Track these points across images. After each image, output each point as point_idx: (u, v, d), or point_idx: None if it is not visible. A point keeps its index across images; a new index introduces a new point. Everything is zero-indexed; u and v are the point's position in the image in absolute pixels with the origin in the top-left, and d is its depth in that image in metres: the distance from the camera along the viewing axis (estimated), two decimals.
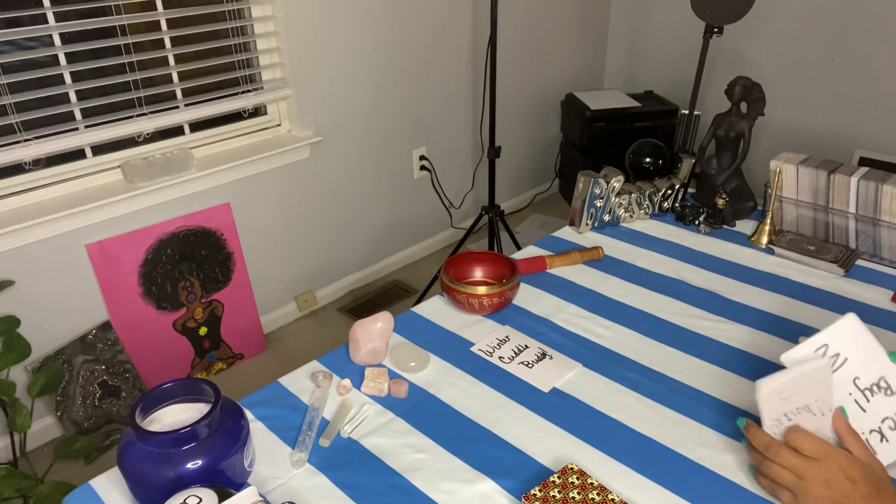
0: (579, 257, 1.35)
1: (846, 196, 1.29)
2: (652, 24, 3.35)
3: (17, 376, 1.87)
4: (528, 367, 1.06)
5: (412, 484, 0.85)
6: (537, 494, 0.78)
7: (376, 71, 2.49)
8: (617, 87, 3.62)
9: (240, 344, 2.35)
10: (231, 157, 2.15)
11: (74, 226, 1.87)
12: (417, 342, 1.13)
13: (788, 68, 2.92)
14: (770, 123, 3.05)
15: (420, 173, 2.85)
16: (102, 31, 1.86)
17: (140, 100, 1.97)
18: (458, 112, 2.89)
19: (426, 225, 3.00)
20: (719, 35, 2.48)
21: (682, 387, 1.00)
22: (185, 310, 2.17)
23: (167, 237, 2.07)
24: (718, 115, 1.44)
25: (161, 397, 0.85)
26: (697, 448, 0.89)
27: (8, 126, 1.76)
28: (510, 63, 3.02)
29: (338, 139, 2.46)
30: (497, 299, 1.16)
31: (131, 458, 0.78)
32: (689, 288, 1.26)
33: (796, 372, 0.77)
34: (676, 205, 1.54)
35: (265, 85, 2.24)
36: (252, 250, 2.34)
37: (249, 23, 2.17)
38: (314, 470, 0.88)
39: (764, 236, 1.39)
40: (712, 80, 3.18)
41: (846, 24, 2.70)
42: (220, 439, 0.80)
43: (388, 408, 0.99)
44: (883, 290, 1.22)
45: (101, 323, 2.00)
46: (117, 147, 1.98)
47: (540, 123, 3.36)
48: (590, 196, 1.44)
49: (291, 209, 2.41)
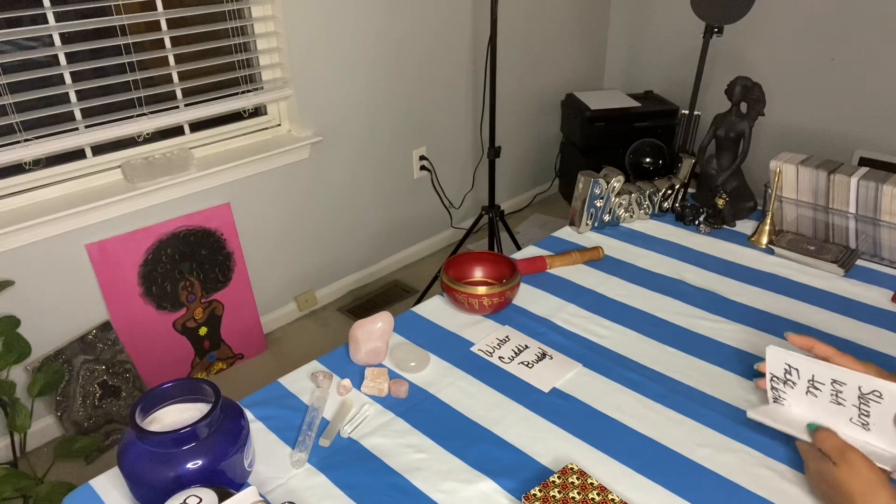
0: (579, 257, 1.35)
1: (846, 196, 1.29)
2: (652, 24, 3.35)
3: (17, 376, 1.87)
4: (528, 367, 1.06)
5: (412, 484, 0.85)
6: (537, 494, 0.78)
7: (376, 71, 2.49)
8: (617, 87, 3.62)
9: (240, 344, 2.35)
10: (231, 157, 2.15)
11: (74, 226, 1.87)
12: (417, 342, 1.13)
13: (788, 68, 2.92)
14: (770, 123, 3.05)
15: (420, 173, 2.85)
16: (102, 31, 1.86)
17: (140, 100, 1.97)
18: (458, 112, 2.89)
19: (426, 225, 3.00)
20: (719, 35, 2.48)
21: (682, 387, 1.00)
22: (185, 310, 2.17)
23: (167, 237, 2.07)
24: (718, 115, 1.44)
25: (161, 397, 0.85)
26: (697, 448, 0.89)
27: (8, 126, 1.76)
28: (510, 63, 3.02)
29: (338, 139, 2.46)
30: (497, 299, 1.16)
31: (131, 458, 0.78)
32: (689, 288, 1.26)
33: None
34: (676, 205, 1.54)
35: (265, 85, 2.24)
36: (252, 250, 2.34)
37: (249, 23, 2.17)
38: (314, 470, 0.88)
39: (764, 236, 1.39)
40: (712, 80, 3.18)
41: (846, 24, 2.70)
42: (220, 439, 0.80)
43: (388, 408, 0.99)
44: (883, 290, 1.22)
45: (101, 323, 2.00)
46: (117, 147, 1.98)
47: (540, 123, 3.36)
48: (590, 196, 1.44)
49: (291, 209, 2.41)
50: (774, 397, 0.93)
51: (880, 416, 0.84)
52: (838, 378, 0.86)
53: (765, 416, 0.89)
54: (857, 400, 0.85)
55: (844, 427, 0.86)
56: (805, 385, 0.89)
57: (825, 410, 0.87)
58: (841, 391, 0.86)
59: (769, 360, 0.91)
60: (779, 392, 0.92)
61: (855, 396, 0.85)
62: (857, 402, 0.85)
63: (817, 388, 0.88)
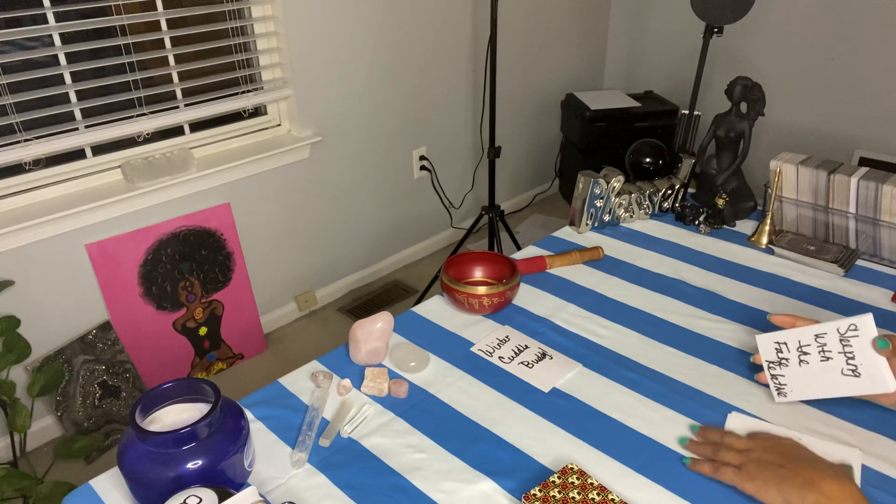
0: (579, 257, 1.35)
1: (846, 196, 1.29)
2: (652, 24, 3.35)
3: (17, 376, 1.87)
4: (528, 367, 1.06)
5: (412, 484, 0.85)
6: (537, 494, 0.78)
7: (376, 71, 2.49)
8: (617, 87, 3.62)
9: (240, 344, 2.35)
10: (231, 157, 2.15)
11: (74, 226, 1.87)
12: (417, 342, 1.13)
13: (788, 68, 2.92)
14: (770, 123, 3.05)
15: (420, 173, 2.85)
16: (102, 31, 1.86)
17: (140, 100, 1.97)
18: (458, 112, 2.89)
19: (426, 225, 3.00)
20: (719, 35, 2.48)
21: (682, 387, 1.00)
22: (185, 310, 2.17)
23: (167, 237, 2.07)
24: (718, 115, 1.44)
25: (161, 397, 0.85)
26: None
27: (8, 126, 1.76)
28: (510, 63, 3.03)
29: (338, 139, 2.47)
30: (497, 299, 1.16)
31: (131, 458, 0.78)
32: (689, 288, 1.26)
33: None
34: (676, 205, 1.54)
35: (265, 85, 2.24)
36: (252, 250, 2.34)
37: (249, 23, 2.17)
38: (314, 470, 0.88)
39: (764, 236, 1.39)
40: (712, 80, 3.18)
41: (846, 24, 2.70)
42: (220, 439, 0.80)
43: (388, 408, 0.99)
44: (883, 290, 1.22)
45: (101, 323, 2.00)
46: (117, 147, 1.98)
47: (540, 123, 3.36)
48: (590, 196, 1.44)
49: (291, 209, 2.41)
50: (777, 388, 0.95)
51: (862, 349, 0.87)
52: (819, 332, 0.91)
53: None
54: (839, 345, 0.89)
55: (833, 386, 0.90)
56: (796, 356, 0.93)
57: (819, 374, 0.91)
58: (825, 344, 0.90)
59: (761, 347, 0.96)
60: (778, 379, 0.95)
61: (837, 341, 0.89)
62: (841, 348, 0.89)
63: (806, 353, 0.92)
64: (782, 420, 0.93)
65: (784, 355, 0.94)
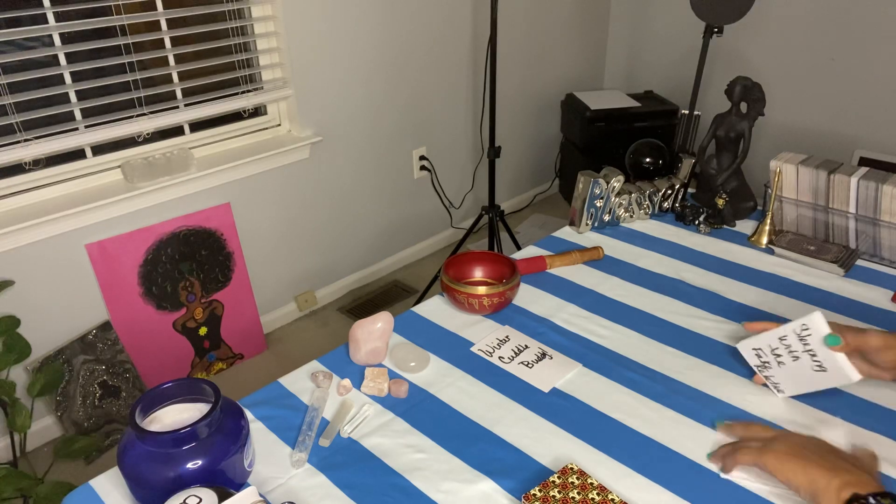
0: (579, 257, 1.35)
1: (846, 196, 1.29)
2: (652, 25, 3.35)
3: (17, 376, 1.87)
4: (528, 367, 1.06)
5: (412, 484, 0.85)
6: (537, 494, 0.78)
7: (376, 71, 2.49)
8: (617, 87, 3.62)
9: (240, 344, 2.35)
10: (231, 157, 2.15)
11: (74, 226, 1.87)
12: (417, 342, 1.13)
13: (788, 68, 2.92)
14: (770, 123, 3.05)
15: (420, 173, 2.85)
16: (102, 31, 1.86)
17: (140, 100, 1.97)
18: (458, 112, 2.89)
19: (426, 225, 3.00)
20: (719, 35, 2.48)
21: (682, 387, 1.00)
22: (185, 310, 2.17)
23: (167, 237, 2.07)
24: (718, 115, 1.44)
25: (161, 397, 0.85)
26: (697, 448, 0.89)
27: (8, 126, 1.76)
28: (510, 63, 3.02)
29: (338, 139, 2.47)
30: (497, 299, 1.16)
31: (131, 458, 0.78)
32: (689, 288, 1.26)
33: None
34: (676, 205, 1.54)
35: (265, 85, 2.24)
36: (252, 250, 2.34)
37: (249, 23, 2.17)
38: (314, 470, 0.88)
39: (764, 236, 1.39)
40: (712, 80, 3.18)
41: (846, 24, 2.70)
42: (220, 439, 0.80)
43: (388, 408, 0.99)
44: (883, 290, 1.22)
45: (101, 323, 2.00)
46: (117, 147, 1.98)
47: (540, 123, 3.36)
48: (590, 196, 1.44)
49: (291, 209, 2.41)
50: (774, 386, 0.97)
51: (819, 346, 0.89)
52: (781, 335, 0.92)
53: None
54: (800, 345, 0.90)
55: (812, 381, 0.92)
56: (773, 358, 0.94)
57: (794, 373, 0.93)
58: (790, 345, 0.92)
59: (745, 355, 0.99)
60: (770, 379, 0.97)
61: (798, 341, 0.91)
62: (802, 347, 0.90)
63: (779, 355, 0.94)
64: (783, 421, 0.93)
65: (764, 359, 0.96)
